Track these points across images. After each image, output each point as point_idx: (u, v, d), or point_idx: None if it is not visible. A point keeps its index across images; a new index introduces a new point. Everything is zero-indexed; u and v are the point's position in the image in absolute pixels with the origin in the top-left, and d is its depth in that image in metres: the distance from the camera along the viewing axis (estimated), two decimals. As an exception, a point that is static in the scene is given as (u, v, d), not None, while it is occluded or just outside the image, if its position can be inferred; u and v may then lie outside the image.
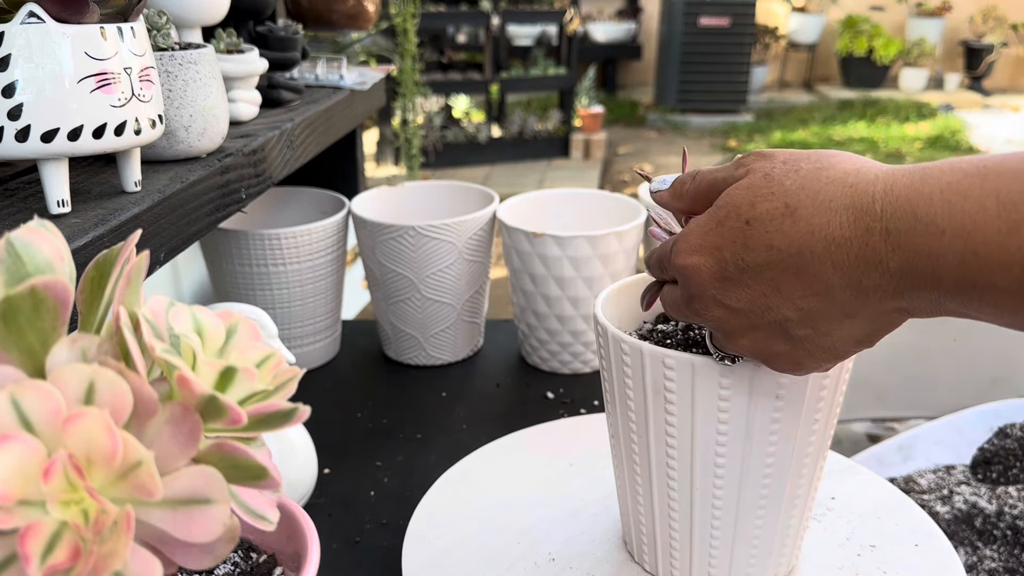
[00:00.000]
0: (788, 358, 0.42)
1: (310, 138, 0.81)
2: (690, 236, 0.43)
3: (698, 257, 0.42)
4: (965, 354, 1.25)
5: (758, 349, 0.43)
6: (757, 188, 0.40)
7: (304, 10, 1.00)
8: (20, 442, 0.23)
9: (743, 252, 0.40)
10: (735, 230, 0.40)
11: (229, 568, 0.40)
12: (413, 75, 1.11)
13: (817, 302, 0.39)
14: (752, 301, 0.41)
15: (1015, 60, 6.55)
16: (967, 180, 0.34)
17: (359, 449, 0.79)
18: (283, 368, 0.30)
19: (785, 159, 0.41)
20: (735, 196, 0.41)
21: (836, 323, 0.40)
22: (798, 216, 0.38)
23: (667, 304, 0.47)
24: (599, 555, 0.59)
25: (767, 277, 0.40)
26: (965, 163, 0.35)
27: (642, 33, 6.56)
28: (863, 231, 0.37)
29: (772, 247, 0.39)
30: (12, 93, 0.44)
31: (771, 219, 0.39)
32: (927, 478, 0.95)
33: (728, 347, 0.45)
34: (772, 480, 0.50)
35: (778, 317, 0.40)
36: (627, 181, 4.46)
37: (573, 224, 0.96)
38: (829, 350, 0.41)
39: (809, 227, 0.38)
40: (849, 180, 0.38)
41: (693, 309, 0.44)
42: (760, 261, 0.40)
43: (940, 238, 0.34)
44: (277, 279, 0.88)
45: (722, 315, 0.42)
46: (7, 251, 0.26)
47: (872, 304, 0.38)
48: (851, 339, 0.40)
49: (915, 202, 0.35)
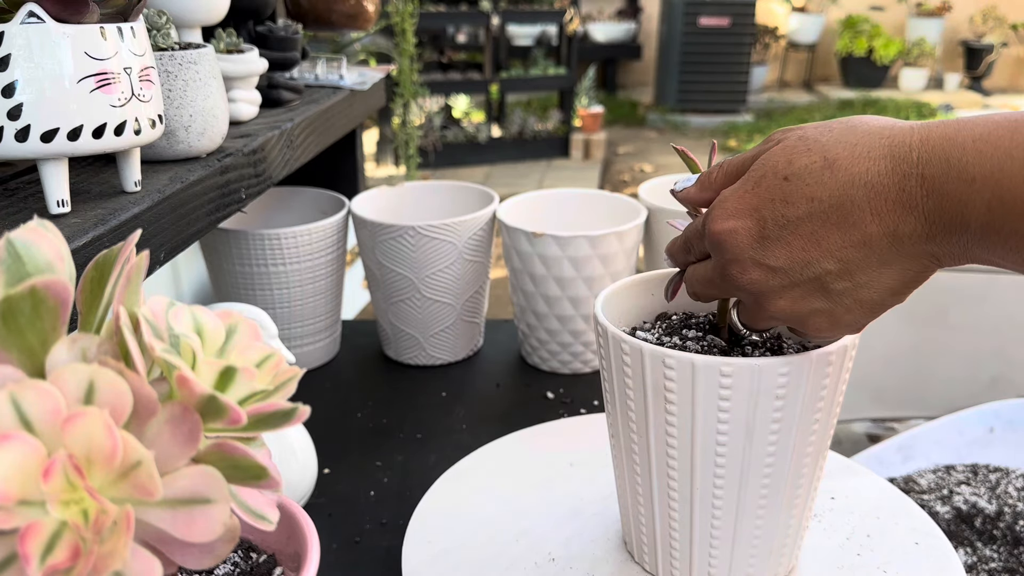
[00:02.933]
0: (826, 315, 0.43)
1: (310, 138, 0.81)
2: (726, 202, 0.43)
3: (735, 221, 0.43)
4: (965, 354, 1.25)
5: (795, 309, 0.43)
6: (792, 147, 0.42)
7: (304, 10, 1.00)
8: (20, 442, 0.23)
9: (783, 208, 0.41)
10: (773, 187, 0.41)
11: (229, 568, 0.40)
12: (412, 75, 1.10)
13: (856, 252, 0.40)
14: (792, 257, 0.41)
15: (1015, 60, 6.55)
16: (998, 131, 0.36)
17: (359, 449, 0.79)
18: (283, 368, 0.30)
19: (816, 125, 0.43)
20: (771, 158, 0.42)
21: (874, 273, 0.40)
22: (837, 167, 0.40)
23: (695, 282, 0.48)
24: (599, 555, 0.59)
25: (807, 231, 0.40)
26: (999, 116, 0.37)
27: (642, 33, 6.56)
28: (901, 177, 0.38)
29: (813, 199, 0.40)
30: (12, 93, 0.44)
31: (810, 172, 0.40)
32: (927, 478, 0.95)
33: (760, 316, 0.45)
34: (772, 480, 0.50)
35: (818, 271, 0.41)
36: (627, 181, 4.46)
37: (573, 224, 0.96)
38: (867, 303, 0.42)
39: (849, 176, 0.39)
40: (885, 132, 0.39)
41: (728, 275, 0.44)
42: (801, 214, 0.40)
43: (971, 185, 0.36)
44: (277, 279, 0.88)
45: (760, 276, 0.42)
46: (7, 251, 0.26)
47: (906, 250, 0.39)
48: (887, 289, 0.41)
49: (949, 150, 0.37)
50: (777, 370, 0.46)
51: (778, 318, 0.44)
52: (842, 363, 0.49)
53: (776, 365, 0.46)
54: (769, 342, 0.52)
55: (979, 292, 1.22)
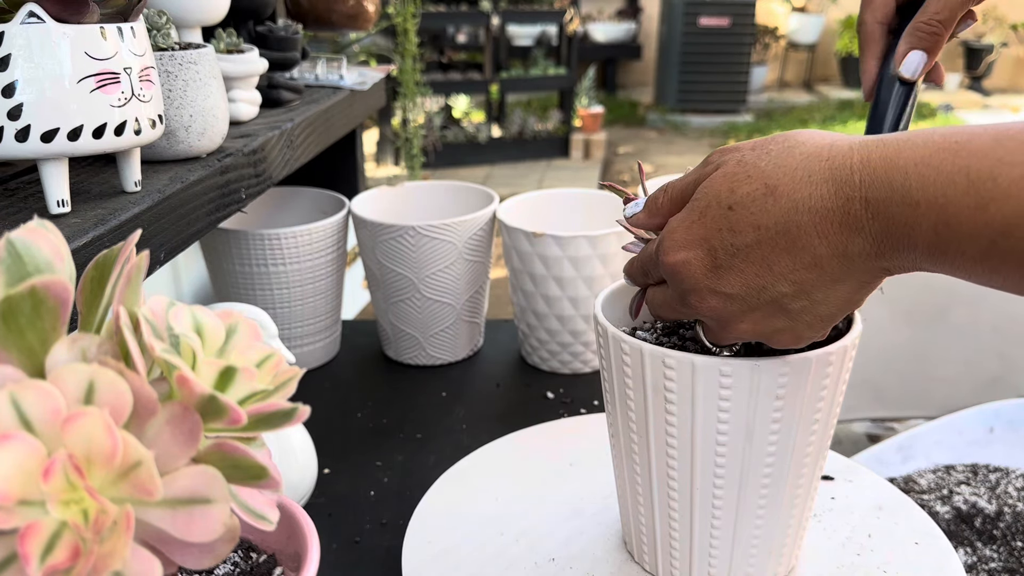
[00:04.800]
0: (789, 332, 0.43)
1: (310, 138, 0.81)
2: (675, 233, 0.44)
3: (686, 252, 0.43)
4: (964, 354, 1.25)
5: (759, 330, 0.44)
6: (733, 175, 0.42)
7: (304, 10, 1.00)
8: (20, 442, 0.23)
9: (731, 237, 0.41)
10: (719, 218, 0.42)
11: (229, 568, 0.40)
12: (413, 75, 1.10)
13: (808, 274, 0.40)
14: (746, 283, 0.42)
15: (1015, 60, 6.55)
16: (940, 155, 0.36)
17: (359, 449, 0.79)
18: (283, 368, 0.31)
19: (753, 146, 0.43)
20: (713, 186, 0.42)
21: (828, 290, 0.41)
22: (779, 193, 0.40)
23: (656, 305, 0.48)
24: (599, 555, 0.59)
25: (758, 257, 0.41)
26: (938, 136, 0.37)
27: (642, 33, 6.56)
28: (844, 200, 0.38)
29: (759, 227, 0.40)
30: (12, 93, 0.44)
31: (752, 200, 0.40)
32: (927, 478, 0.95)
33: (725, 336, 0.45)
34: (772, 480, 0.50)
35: (774, 295, 0.41)
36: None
37: (573, 224, 0.96)
38: (825, 316, 0.43)
39: (792, 202, 0.39)
40: (824, 154, 0.39)
41: (688, 304, 0.44)
42: (749, 242, 0.41)
43: (915, 209, 0.36)
44: (277, 279, 0.88)
45: (719, 304, 0.43)
46: (7, 251, 0.26)
47: (858, 267, 0.40)
48: (844, 301, 0.42)
49: (891, 173, 0.37)
50: (777, 370, 0.47)
51: (743, 338, 0.45)
52: (842, 363, 0.49)
53: (776, 365, 0.46)
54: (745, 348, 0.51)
55: (979, 292, 1.22)
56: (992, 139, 0.35)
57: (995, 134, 0.35)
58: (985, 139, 0.35)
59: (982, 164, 0.35)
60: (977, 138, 0.36)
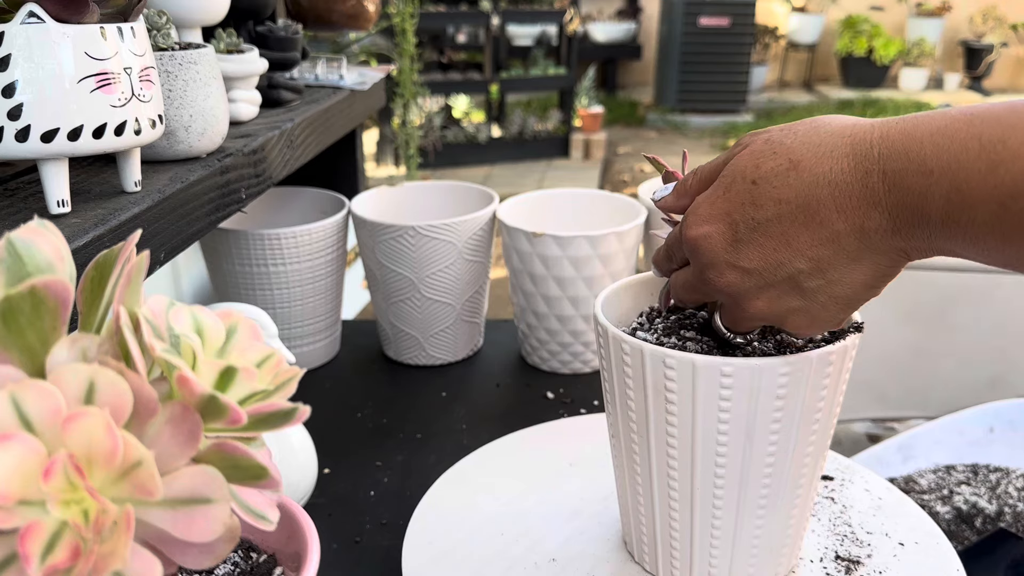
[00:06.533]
0: (803, 313, 0.44)
1: (310, 138, 0.81)
2: (699, 208, 0.45)
3: (709, 226, 0.44)
4: (964, 354, 1.25)
5: (773, 309, 0.44)
6: (760, 152, 0.43)
7: (304, 10, 1.00)
8: (20, 442, 0.23)
9: (752, 211, 0.42)
10: (742, 192, 0.42)
11: (229, 568, 0.40)
12: (412, 75, 1.10)
13: (825, 250, 0.41)
14: (765, 258, 0.42)
15: (1015, 60, 6.54)
16: (955, 124, 0.37)
17: (359, 449, 0.79)
18: (283, 368, 0.31)
19: (781, 127, 0.44)
20: (738, 163, 0.43)
21: (845, 269, 0.41)
22: (802, 168, 0.41)
23: (678, 288, 0.49)
24: (599, 555, 0.59)
25: (777, 232, 0.41)
26: (955, 111, 0.38)
27: (642, 33, 6.56)
28: (863, 174, 0.39)
29: (781, 200, 0.41)
30: (12, 93, 0.44)
31: (776, 175, 0.41)
32: (927, 478, 0.95)
33: (741, 317, 0.46)
34: (772, 480, 0.50)
35: (791, 271, 0.42)
36: (627, 181, 4.46)
37: (573, 224, 0.96)
38: (841, 299, 0.43)
39: (813, 176, 0.40)
40: (847, 131, 0.40)
41: (706, 280, 0.45)
42: (770, 216, 0.41)
43: (929, 177, 0.37)
44: (277, 279, 0.88)
45: (736, 279, 0.43)
46: (7, 251, 0.26)
47: (874, 245, 0.40)
48: (860, 284, 0.42)
49: (908, 145, 0.38)
50: (777, 370, 0.47)
51: (758, 319, 0.45)
52: (842, 363, 0.49)
53: (776, 365, 0.46)
54: (752, 344, 0.51)
55: (979, 292, 1.22)
56: (1007, 108, 0.36)
57: (1011, 104, 0.36)
58: (1000, 108, 0.36)
59: (994, 130, 0.35)
60: (993, 108, 0.36)
